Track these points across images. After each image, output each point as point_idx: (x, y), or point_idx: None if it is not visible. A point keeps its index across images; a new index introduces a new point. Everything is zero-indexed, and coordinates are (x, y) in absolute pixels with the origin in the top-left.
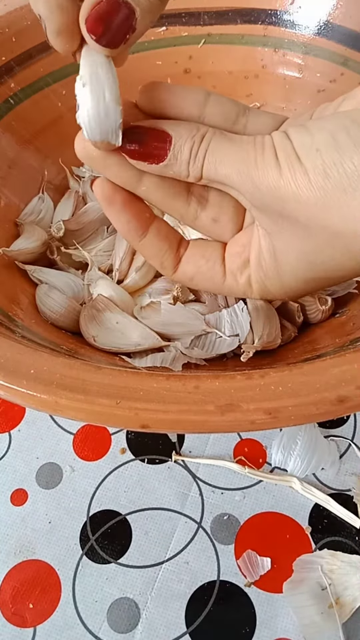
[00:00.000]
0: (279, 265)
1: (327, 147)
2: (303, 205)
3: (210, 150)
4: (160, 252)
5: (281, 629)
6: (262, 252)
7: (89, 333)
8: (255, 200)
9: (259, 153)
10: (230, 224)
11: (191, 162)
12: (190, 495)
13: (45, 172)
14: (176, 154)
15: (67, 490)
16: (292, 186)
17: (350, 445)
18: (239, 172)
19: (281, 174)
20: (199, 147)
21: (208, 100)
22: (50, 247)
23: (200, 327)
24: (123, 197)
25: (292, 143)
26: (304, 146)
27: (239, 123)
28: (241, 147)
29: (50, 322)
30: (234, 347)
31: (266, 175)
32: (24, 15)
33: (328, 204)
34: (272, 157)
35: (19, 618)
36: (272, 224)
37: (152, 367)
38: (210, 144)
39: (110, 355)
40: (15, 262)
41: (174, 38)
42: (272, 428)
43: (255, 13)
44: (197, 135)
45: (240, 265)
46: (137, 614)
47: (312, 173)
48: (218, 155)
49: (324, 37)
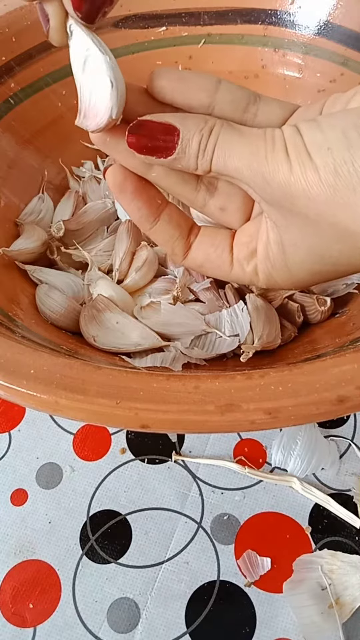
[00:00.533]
0: (286, 257)
1: (338, 145)
2: (313, 202)
3: (219, 144)
4: (172, 239)
5: (281, 629)
6: (270, 244)
7: (89, 333)
8: (265, 194)
9: (269, 148)
10: (238, 213)
11: (200, 155)
12: (190, 495)
13: (45, 172)
14: (184, 148)
15: (67, 490)
16: (302, 183)
17: (350, 445)
18: (249, 166)
19: (292, 171)
20: (207, 141)
21: (219, 88)
22: (50, 247)
23: (200, 327)
24: (134, 185)
25: (303, 139)
26: (315, 143)
27: (249, 112)
28: (251, 141)
29: (50, 322)
30: (234, 347)
31: (277, 171)
32: (24, 15)
33: (338, 201)
34: (282, 153)
35: (19, 618)
36: (281, 218)
37: (152, 367)
38: (219, 137)
39: (110, 355)
40: (15, 262)
41: (173, 38)
42: (272, 428)
43: (255, 13)
44: (205, 128)
45: (247, 255)
46: (137, 614)
47: (322, 171)
48: (227, 149)
49: (324, 37)
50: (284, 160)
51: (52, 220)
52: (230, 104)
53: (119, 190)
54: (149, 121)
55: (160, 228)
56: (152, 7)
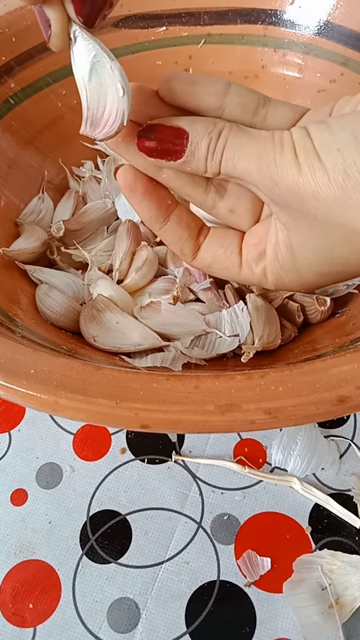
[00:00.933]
0: (295, 259)
1: (348, 146)
2: (321, 203)
3: (228, 146)
4: (181, 240)
5: (281, 629)
6: (279, 245)
7: (89, 333)
8: (274, 196)
9: (278, 150)
10: (247, 215)
11: (209, 158)
12: (190, 495)
13: (45, 172)
14: (193, 151)
15: (67, 490)
16: (311, 184)
17: (350, 445)
18: (257, 168)
19: (300, 172)
20: (216, 144)
21: (228, 92)
22: (51, 247)
23: (200, 327)
24: (144, 186)
25: (312, 141)
26: (325, 145)
27: (258, 114)
28: (260, 143)
29: (50, 322)
30: (234, 347)
31: (285, 173)
32: (24, 15)
33: (347, 202)
34: (291, 155)
35: (19, 618)
36: (290, 220)
37: (152, 367)
38: (228, 139)
39: (110, 355)
40: (15, 262)
41: (174, 38)
42: (272, 428)
43: (255, 13)
44: (214, 131)
45: (256, 256)
46: (137, 614)
47: (331, 172)
48: (236, 152)
49: (324, 37)
50: (292, 162)
51: (52, 220)
52: (240, 106)
53: (129, 190)
54: (158, 125)
55: (170, 228)
56: (152, 7)
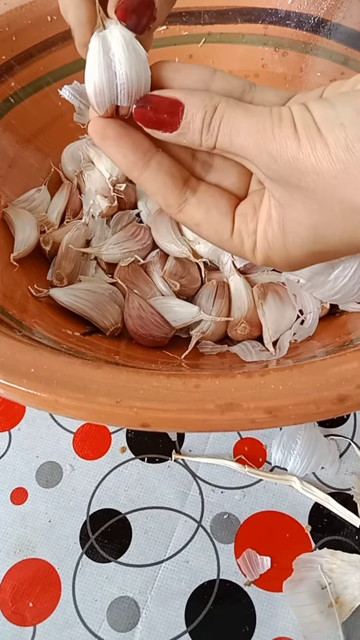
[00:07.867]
0: (286, 237)
1: (351, 121)
2: (321, 178)
3: (224, 121)
4: (163, 187)
5: (281, 627)
6: (270, 222)
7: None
8: (271, 171)
9: (277, 124)
10: (232, 189)
11: (204, 131)
12: (190, 494)
13: (45, 171)
14: (188, 123)
15: (67, 489)
16: (311, 158)
17: (350, 445)
18: (255, 143)
19: (300, 146)
20: (212, 117)
21: (214, 78)
22: (45, 239)
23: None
24: (116, 131)
25: (312, 115)
26: (328, 119)
27: (244, 99)
28: (257, 118)
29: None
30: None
31: (284, 147)
32: (25, 14)
33: (348, 177)
34: (290, 129)
35: (18, 617)
36: (286, 196)
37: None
38: (224, 114)
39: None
40: (15, 260)
41: (174, 37)
42: (272, 427)
43: (256, 12)
44: (209, 104)
45: (248, 230)
46: (137, 613)
47: (333, 146)
48: (233, 126)
49: (324, 37)
50: (292, 135)
51: (46, 210)
52: (225, 92)
53: (100, 137)
54: (155, 95)
55: (150, 175)
56: None
